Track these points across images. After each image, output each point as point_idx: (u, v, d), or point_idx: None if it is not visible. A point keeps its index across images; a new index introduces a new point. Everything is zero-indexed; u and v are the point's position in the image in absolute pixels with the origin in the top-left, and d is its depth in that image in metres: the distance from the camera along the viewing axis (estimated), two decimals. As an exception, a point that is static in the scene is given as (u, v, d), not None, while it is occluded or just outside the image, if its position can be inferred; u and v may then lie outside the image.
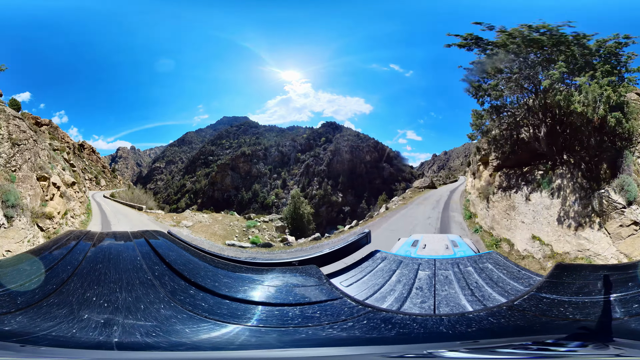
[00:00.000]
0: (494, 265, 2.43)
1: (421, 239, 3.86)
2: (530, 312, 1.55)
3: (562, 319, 1.47)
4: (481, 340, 1.38)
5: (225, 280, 1.95)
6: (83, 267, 1.88)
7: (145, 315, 1.43)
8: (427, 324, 1.51)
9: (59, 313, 1.39)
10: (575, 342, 1.32)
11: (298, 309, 1.58)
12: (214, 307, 1.56)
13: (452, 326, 1.45)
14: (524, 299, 1.66)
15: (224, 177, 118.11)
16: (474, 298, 1.93)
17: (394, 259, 2.72)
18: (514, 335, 1.41)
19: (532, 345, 1.31)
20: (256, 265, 2.33)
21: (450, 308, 1.86)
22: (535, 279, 2.14)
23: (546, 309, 1.57)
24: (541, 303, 1.63)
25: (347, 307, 1.61)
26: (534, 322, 1.49)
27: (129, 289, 1.63)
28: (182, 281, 1.79)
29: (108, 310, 1.45)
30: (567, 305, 1.55)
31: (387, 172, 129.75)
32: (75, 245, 2.30)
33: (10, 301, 1.47)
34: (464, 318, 1.54)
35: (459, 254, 3.14)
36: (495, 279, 2.20)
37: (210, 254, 2.43)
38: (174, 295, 1.61)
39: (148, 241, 2.45)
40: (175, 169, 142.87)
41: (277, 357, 1.31)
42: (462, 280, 2.19)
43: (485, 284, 2.11)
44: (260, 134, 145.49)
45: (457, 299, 1.93)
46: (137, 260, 2.04)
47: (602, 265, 6.45)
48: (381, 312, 1.60)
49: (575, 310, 1.51)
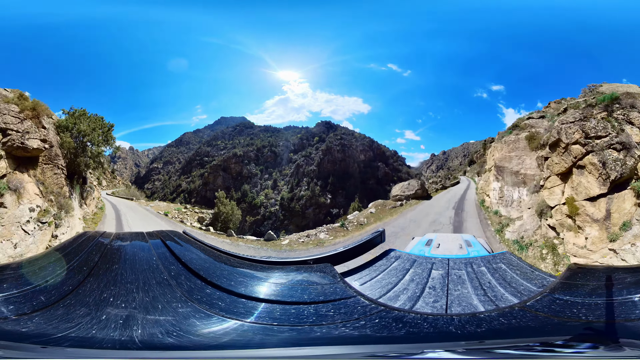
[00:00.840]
0: (508, 266, 2.44)
1: (435, 238, 3.87)
2: (542, 313, 1.54)
3: (575, 320, 1.45)
4: (487, 341, 1.37)
5: (241, 279, 1.95)
6: (99, 268, 1.88)
7: (164, 315, 1.43)
8: (437, 323, 1.51)
9: (77, 314, 1.38)
10: (585, 344, 1.30)
11: (313, 308, 1.59)
12: (230, 306, 1.56)
13: (461, 326, 1.45)
14: (536, 300, 1.66)
15: (215, 177, 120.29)
16: (487, 298, 1.94)
17: (408, 258, 2.73)
18: (524, 336, 1.40)
19: (537, 346, 1.30)
20: (271, 264, 2.32)
21: (462, 308, 1.86)
22: (548, 279, 2.14)
23: (559, 310, 1.56)
24: (554, 304, 1.62)
25: (360, 305, 1.62)
26: (545, 323, 1.48)
27: (146, 289, 1.63)
28: (198, 280, 1.79)
29: (126, 310, 1.44)
30: (580, 307, 1.54)
31: (382, 172, 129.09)
32: (91, 246, 2.29)
33: (27, 302, 1.47)
34: (475, 318, 1.54)
35: (473, 253, 3.14)
36: (509, 280, 2.20)
37: (226, 253, 2.43)
38: (190, 295, 1.61)
39: (164, 241, 2.45)
40: (172, 169, 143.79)
41: (293, 355, 1.31)
42: (475, 280, 2.19)
43: (498, 284, 2.12)
44: (255, 135, 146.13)
45: (470, 299, 1.94)
46: (153, 261, 2.04)
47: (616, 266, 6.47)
48: (393, 311, 1.60)
49: (588, 312, 1.50)
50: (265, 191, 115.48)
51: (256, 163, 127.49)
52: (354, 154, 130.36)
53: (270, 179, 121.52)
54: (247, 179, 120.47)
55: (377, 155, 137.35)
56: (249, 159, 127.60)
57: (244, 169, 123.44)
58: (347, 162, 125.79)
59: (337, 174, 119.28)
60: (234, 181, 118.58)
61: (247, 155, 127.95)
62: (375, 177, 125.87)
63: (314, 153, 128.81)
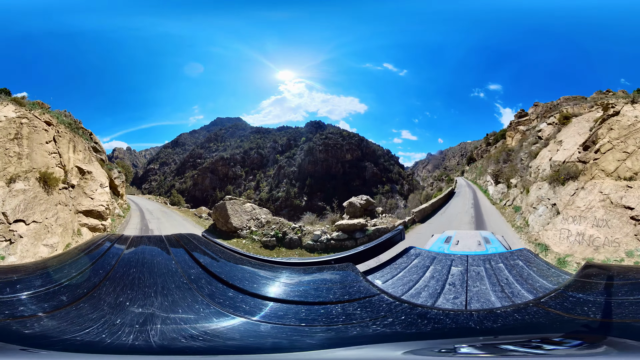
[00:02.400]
0: (525, 263, 2.48)
1: (454, 235, 3.91)
2: (554, 310, 1.57)
3: (584, 318, 1.47)
4: (500, 336, 1.40)
5: (264, 281, 1.93)
6: (116, 272, 1.84)
7: (184, 319, 1.40)
8: (458, 319, 1.53)
9: (89, 317, 1.35)
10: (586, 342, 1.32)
11: (340, 307, 1.58)
12: (255, 308, 1.53)
13: (480, 322, 1.47)
14: (550, 297, 1.69)
15: (204, 179, 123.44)
16: (504, 295, 1.98)
17: (428, 255, 2.76)
18: (533, 332, 1.42)
19: (538, 343, 1.32)
20: (293, 265, 2.30)
21: (481, 304, 1.90)
22: (564, 277, 2.18)
23: (570, 308, 1.58)
24: (567, 302, 1.64)
25: (385, 303, 1.62)
26: (555, 320, 1.51)
27: (165, 293, 1.59)
28: (219, 284, 1.76)
29: (143, 315, 1.41)
30: (591, 305, 1.56)
31: (369, 173, 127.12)
32: (109, 249, 2.25)
33: (39, 304, 1.44)
34: (492, 314, 1.57)
35: (491, 250, 3.18)
36: (525, 276, 2.24)
37: (246, 256, 2.41)
38: (212, 298, 1.58)
39: (183, 245, 2.41)
40: (168, 170, 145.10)
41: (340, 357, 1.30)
42: (493, 277, 2.23)
43: (515, 281, 2.15)
44: (245, 137, 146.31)
45: (488, 295, 1.98)
46: (172, 264, 2.01)
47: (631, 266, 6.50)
48: (417, 308, 1.62)
49: (597, 310, 1.52)
50: (248, 192, 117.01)
51: (242, 165, 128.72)
52: (339, 154, 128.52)
53: (254, 180, 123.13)
54: (232, 180, 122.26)
55: (365, 154, 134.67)
56: (235, 161, 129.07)
57: (230, 170, 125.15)
58: (329, 163, 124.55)
59: (318, 175, 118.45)
60: (221, 182, 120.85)
61: (233, 158, 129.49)
62: (362, 177, 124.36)
63: (297, 154, 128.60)
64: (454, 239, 3.76)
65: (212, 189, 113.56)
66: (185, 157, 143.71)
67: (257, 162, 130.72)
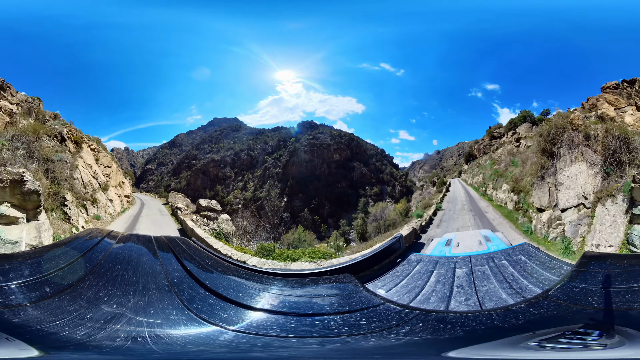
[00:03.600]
0: (527, 257, 2.47)
1: (454, 237, 3.90)
2: (563, 302, 1.58)
3: (589, 307, 1.50)
4: (537, 332, 1.37)
5: (251, 290, 1.88)
6: (101, 267, 1.85)
7: (151, 321, 1.37)
8: (480, 320, 1.49)
9: (67, 309, 1.35)
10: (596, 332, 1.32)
11: (339, 318, 1.52)
12: (234, 317, 1.48)
13: (503, 320, 1.45)
14: (556, 289, 1.70)
15: (196, 179, 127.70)
16: (513, 291, 1.95)
17: (430, 260, 2.73)
18: (555, 325, 1.41)
19: (572, 335, 1.31)
20: (284, 276, 2.25)
21: (495, 302, 1.87)
22: (565, 268, 2.19)
23: (576, 298, 1.60)
24: (572, 292, 1.67)
25: (393, 312, 1.57)
26: (567, 312, 1.52)
27: (144, 293, 1.59)
28: (202, 290, 1.73)
29: (114, 312, 1.39)
30: (594, 294, 1.59)
31: (357, 173, 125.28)
32: (97, 244, 2.26)
33: (26, 294, 1.45)
34: (510, 311, 1.54)
35: (492, 248, 3.18)
36: (529, 270, 2.23)
37: (235, 264, 2.38)
38: (190, 304, 1.55)
39: (171, 248, 2.40)
40: (165, 170, 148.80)
41: None
42: (499, 274, 2.20)
43: (521, 276, 2.14)
44: (238, 138, 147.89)
45: (498, 293, 1.95)
46: (157, 266, 2.01)
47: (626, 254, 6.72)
48: (431, 314, 1.56)
49: (600, 300, 1.55)
50: (235, 192, 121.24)
51: (232, 166, 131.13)
52: (325, 154, 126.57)
53: (242, 181, 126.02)
54: (221, 180, 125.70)
55: (355, 154, 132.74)
56: (225, 162, 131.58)
57: (220, 172, 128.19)
58: (314, 163, 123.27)
59: (301, 177, 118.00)
60: (211, 183, 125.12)
61: (223, 160, 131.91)
62: (350, 178, 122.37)
63: (283, 155, 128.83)
64: (454, 241, 3.75)
65: (203, 189, 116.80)
66: (181, 158, 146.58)
67: (246, 164, 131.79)
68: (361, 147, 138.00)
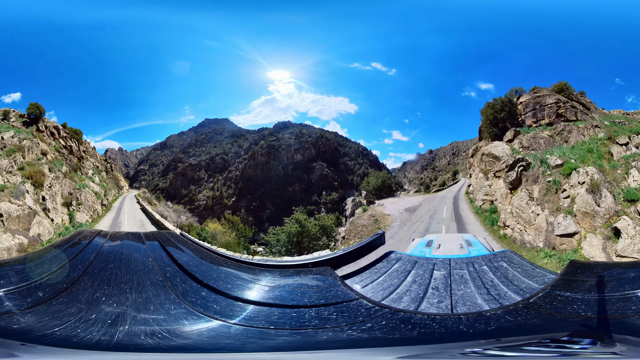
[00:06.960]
0: (509, 264, 2.46)
1: (435, 239, 3.89)
2: (545, 310, 1.56)
3: (576, 316, 1.47)
4: (503, 339, 1.37)
5: (238, 282, 1.90)
6: (94, 267, 1.85)
7: (154, 317, 1.40)
8: (446, 323, 1.50)
9: (68, 312, 1.36)
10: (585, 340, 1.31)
11: (314, 311, 1.56)
12: (226, 309, 1.53)
13: (471, 325, 1.44)
14: (539, 297, 1.67)
15: (176, 180, 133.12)
16: (490, 297, 1.94)
17: (409, 259, 2.71)
18: (532, 333, 1.40)
19: (550, 343, 1.30)
20: (269, 267, 2.28)
21: (468, 307, 1.86)
22: (549, 276, 2.17)
23: (560, 307, 1.57)
24: (555, 300, 1.63)
25: (363, 308, 1.60)
26: (549, 320, 1.50)
27: (140, 290, 1.61)
28: (194, 283, 1.76)
29: (116, 310, 1.42)
30: (580, 303, 1.56)
31: (317, 175, 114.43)
32: (88, 245, 2.24)
33: (22, 299, 1.45)
34: (482, 317, 1.54)
35: (474, 253, 3.17)
36: (510, 277, 2.21)
37: (223, 256, 2.40)
38: (185, 297, 1.58)
39: (160, 242, 2.41)
40: (156, 171, 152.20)
41: None
42: (478, 279, 2.19)
43: (501, 283, 2.12)
44: (219, 142, 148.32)
45: (474, 298, 1.93)
46: (149, 262, 2.01)
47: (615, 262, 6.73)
48: (399, 313, 1.58)
49: (587, 308, 1.52)
50: (205, 191, 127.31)
51: (206, 170, 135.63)
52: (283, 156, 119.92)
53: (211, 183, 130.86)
54: (196, 181, 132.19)
55: (321, 153, 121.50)
56: (201, 166, 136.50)
57: (195, 174, 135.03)
58: (270, 166, 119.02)
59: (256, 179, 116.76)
60: (188, 183, 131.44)
61: (199, 164, 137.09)
62: (305, 181, 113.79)
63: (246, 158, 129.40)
64: (435, 242, 3.74)
65: (181, 189, 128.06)
66: (169, 161, 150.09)
67: (219, 167, 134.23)
68: (329, 145, 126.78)
